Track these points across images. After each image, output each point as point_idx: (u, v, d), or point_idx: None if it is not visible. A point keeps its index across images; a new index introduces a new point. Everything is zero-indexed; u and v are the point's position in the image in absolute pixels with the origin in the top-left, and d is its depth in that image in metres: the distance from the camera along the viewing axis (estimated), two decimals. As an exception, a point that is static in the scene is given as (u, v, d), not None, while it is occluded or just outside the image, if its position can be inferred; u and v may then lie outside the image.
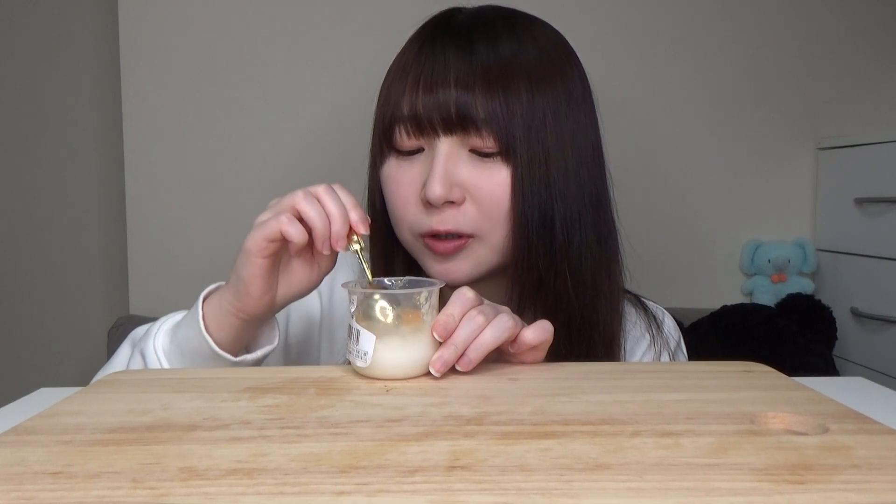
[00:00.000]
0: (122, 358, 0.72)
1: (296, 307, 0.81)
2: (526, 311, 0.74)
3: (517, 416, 0.47)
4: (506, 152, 0.69)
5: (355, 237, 0.62)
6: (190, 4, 1.61)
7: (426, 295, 0.58)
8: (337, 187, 0.62)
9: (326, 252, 0.62)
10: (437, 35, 0.73)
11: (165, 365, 0.65)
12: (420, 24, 0.77)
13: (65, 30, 1.71)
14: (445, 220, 0.70)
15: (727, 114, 1.73)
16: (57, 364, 1.75)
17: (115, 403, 0.51)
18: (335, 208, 0.60)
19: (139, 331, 0.74)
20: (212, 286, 0.67)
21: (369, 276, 0.63)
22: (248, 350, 0.68)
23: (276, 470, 0.38)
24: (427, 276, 0.76)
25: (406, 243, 0.76)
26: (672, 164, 1.73)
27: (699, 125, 1.73)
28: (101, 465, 0.39)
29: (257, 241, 0.61)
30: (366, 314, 0.58)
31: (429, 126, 0.70)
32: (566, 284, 0.72)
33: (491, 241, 0.72)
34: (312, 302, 0.82)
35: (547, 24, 0.77)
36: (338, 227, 0.60)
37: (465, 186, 0.70)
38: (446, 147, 0.70)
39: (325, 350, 0.82)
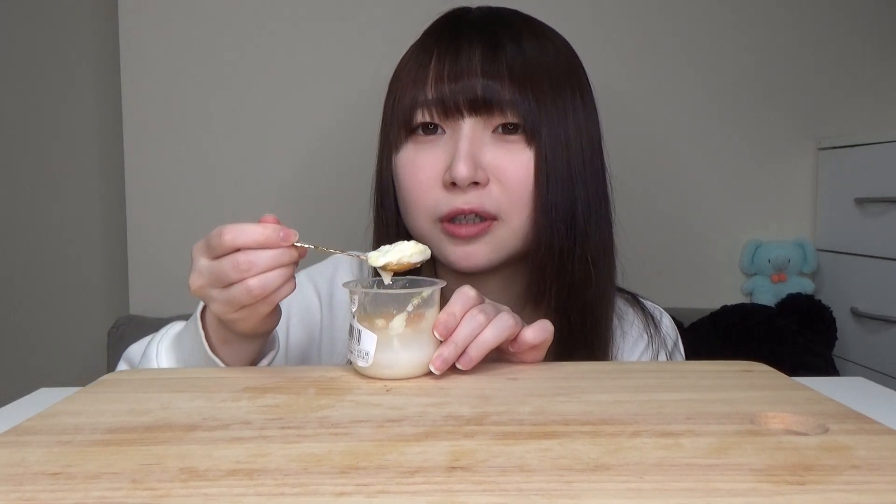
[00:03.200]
0: None
1: (296, 312, 0.81)
2: (526, 307, 0.75)
3: (517, 416, 0.47)
4: (529, 133, 0.70)
5: (297, 244, 0.58)
6: (190, 4, 1.61)
7: (427, 294, 0.58)
8: (236, 232, 0.56)
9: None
10: (460, 29, 0.74)
11: None
12: (426, 24, 0.78)
13: (65, 30, 1.71)
14: (471, 200, 0.70)
15: (727, 114, 1.73)
16: (57, 364, 1.75)
17: (115, 403, 0.51)
18: (268, 259, 0.56)
19: (135, 350, 0.73)
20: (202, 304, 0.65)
21: (340, 253, 0.61)
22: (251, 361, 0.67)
23: (276, 470, 0.38)
24: (442, 265, 0.76)
25: (421, 231, 0.74)
26: (672, 164, 1.73)
27: (699, 125, 1.73)
28: (100, 465, 0.38)
29: (248, 324, 0.60)
30: (367, 314, 0.58)
31: (454, 108, 0.70)
32: (586, 270, 0.73)
33: (513, 225, 0.72)
34: (312, 305, 0.82)
35: (552, 28, 0.78)
36: (284, 270, 0.57)
37: (489, 168, 0.71)
38: (470, 128, 0.70)
39: (325, 353, 0.82)
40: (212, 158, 1.64)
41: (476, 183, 0.70)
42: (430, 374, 0.57)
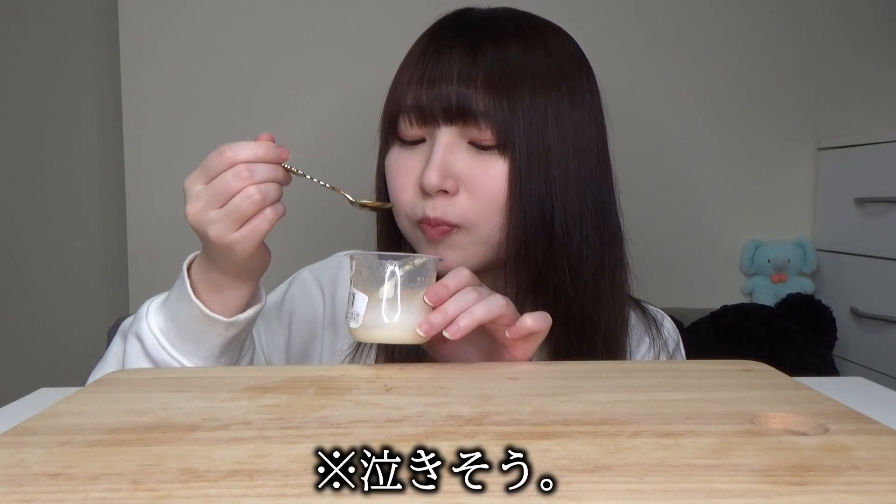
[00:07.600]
0: (117, 351, 0.72)
1: (299, 306, 0.81)
2: (525, 308, 0.74)
3: (517, 416, 0.47)
4: (503, 146, 0.70)
5: (289, 168, 0.66)
6: (190, 4, 1.61)
7: (419, 262, 0.60)
8: (237, 149, 0.65)
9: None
10: (446, 33, 0.74)
11: (162, 340, 0.66)
12: (426, 24, 0.78)
13: (65, 30, 1.71)
14: (436, 208, 0.71)
15: (727, 114, 1.73)
16: (57, 364, 1.75)
17: (115, 403, 0.51)
18: (266, 170, 0.64)
19: (128, 322, 0.75)
20: (191, 256, 0.69)
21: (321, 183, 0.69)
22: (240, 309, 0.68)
23: (277, 471, 0.37)
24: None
25: (404, 231, 0.77)
26: (672, 164, 1.73)
27: (699, 125, 1.73)
28: (100, 466, 0.38)
29: (246, 246, 0.62)
30: (361, 277, 0.60)
31: (430, 116, 0.71)
32: (565, 281, 0.72)
33: (479, 233, 0.72)
34: (316, 301, 0.82)
35: (558, 27, 0.78)
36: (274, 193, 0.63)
37: (460, 177, 0.71)
38: (446, 137, 0.71)
39: (327, 349, 0.82)
40: (212, 158, 1.64)
41: (445, 192, 0.71)
42: (417, 342, 0.59)
